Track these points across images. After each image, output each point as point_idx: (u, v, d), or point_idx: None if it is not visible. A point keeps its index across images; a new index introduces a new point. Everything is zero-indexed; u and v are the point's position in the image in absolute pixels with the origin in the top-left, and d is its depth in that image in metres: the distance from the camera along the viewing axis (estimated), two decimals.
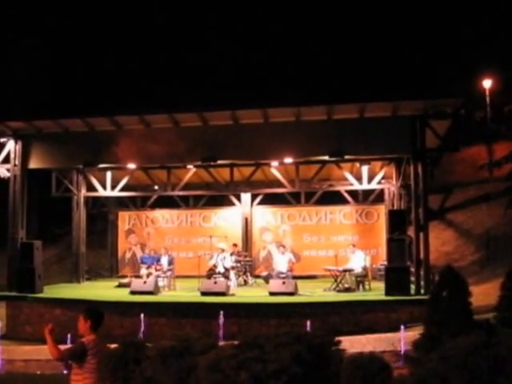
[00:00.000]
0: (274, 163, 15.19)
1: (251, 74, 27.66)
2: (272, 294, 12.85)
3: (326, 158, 13.70)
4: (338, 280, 13.76)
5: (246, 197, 18.26)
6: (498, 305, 8.04)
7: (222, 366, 5.61)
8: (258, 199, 18.42)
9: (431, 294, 7.46)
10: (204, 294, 12.94)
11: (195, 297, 13.07)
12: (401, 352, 9.34)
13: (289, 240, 17.93)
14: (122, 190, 16.57)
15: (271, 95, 23.53)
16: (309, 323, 10.52)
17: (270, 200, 18.59)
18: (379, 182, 16.19)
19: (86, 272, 17.79)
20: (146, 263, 15.60)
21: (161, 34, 29.81)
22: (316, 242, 17.93)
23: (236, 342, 6.15)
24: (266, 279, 15.07)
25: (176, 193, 17.18)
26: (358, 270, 13.86)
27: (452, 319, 6.55)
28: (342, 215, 18.05)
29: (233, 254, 15.73)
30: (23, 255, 13.76)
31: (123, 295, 13.56)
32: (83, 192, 17.28)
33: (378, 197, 18.09)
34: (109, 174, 16.66)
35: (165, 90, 27.09)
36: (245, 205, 18.33)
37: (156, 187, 18.27)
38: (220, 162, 14.21)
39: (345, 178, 16.25)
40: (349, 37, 28.13)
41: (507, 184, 18.00)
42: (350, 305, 11.94)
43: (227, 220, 18.68)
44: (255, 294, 13.73)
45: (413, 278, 12.66)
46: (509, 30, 23.56)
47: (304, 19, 30.07)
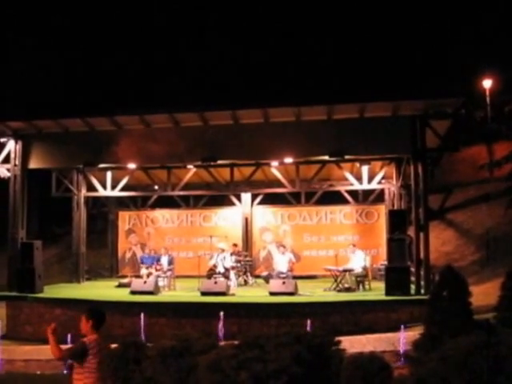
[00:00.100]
0: (275, 163, 15.18)
1: (251, 74, 27.66)
2: (272, 293, 12.85)
3: (326, 157, 13.70)
4: (338, 280, 13.76)
5: (246, 197, 18.26)
6: (498, 305, 8.04)
7: (222, 366, 5.62)
8: (258, 199, 18.41)
9: (431, 293, 7.47)
10: (204, 293, 12.93)
11: (195, 297, 13.06)
12: (401, 352, 9.33)
13: (289, 240, 17.91)
14: (122, 189, 16.57)
15: (271, 95, 23.57)
16: (309, 323, 10.51)
17: (270, 200, 18.58)
18: (379, 182, 16.19)
19: (86, 272, 17.78)
20: (146, 263, 15.61)
21: (161, 33, 29.80)
22: (316, 242, 17.91)
23: (236, 342, 6.16)
24: (266, 279, 15.06)
25: (176, 193, 17.18)
26: (358, 270, 13.86)
27: (452, 319, 6.56)
28: (343, 215, 18.04)
29: (233, 253, 15.73)
30: (23, 255, 13.75)
31: (123, 295, 13.55)
32: (83, 192, 17.28)
33: (378, 197, 18.09)
34: (109, 174, 16.66)
35: (165, 90, 27.07)
36: (245, 205, 18.33)
37: (156, 187, 18.26)
38: (220, 162, 14.20)
39: (345, 178, 16.25)
40: (349, 37, 28.13)
41: (507, 184, 17.99)
42: (350, 305, 11.93)
43: (227, 220, 18.67)
44: (255, 293, 13.72)
45: (413, 278, 12.65)
46: (509, 30, 23.55)
47: (304, 19, 30.09)
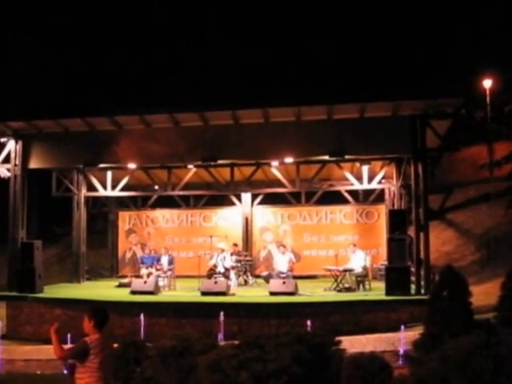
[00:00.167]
0: (275, 163, 15.18)
1: (251, 74, 27.65)
2: (272, 293, 12.85)
3: (326, 157, 13.69)
4: (339, 280, 13.75)
5: (246, 196, 18.26)
6: (498, 305, 8.03)
7: (222, 366, 5.62)
8: (258, 199, 18.41)
9: (431, 293, 7.47)
10: (204, 293, 12.93)
11: (195, 297, 13.06)
12: (401, 352, 9.33)
13: (289, 240, 17.90)
14: (123, 189, 16.57)
15: (271, 95, 23.55)
16: (309, 323, 10.50)
17: (271, 200, 18.58)
18: (379, 182, 16.19)
19: (86, 272, 17.77)
20: (146, 263, 15.61)
21: (161, 33, 29.78)
22: (316, 242, 17.90)
23: (236, 342, 6.16)
24: (267, 279, 15.05)
25: (176, 193, 17.18)
26: (359, 270, 13.86)
27: (452, 319, 6.56)
28: (343, 215, 18.03)
29: (233, 253, 15.72)
30: (23, 255, 13.75)
31: (123, 295, 13.55)
32: (83, 192, 17.27)
33: (378, 197, 18.08)
34: (109, 174, 16.66)
35: (165, 90, 27.06)
36: (245, 204, 18.33)
37: (156, 187, 18.26)
38: (220, 162, 14.20)
39: (345, 178, 16.25)
40: (349, 37, 28.10)
41: (508, 184, 18.01)
42: (351, 305, 11.93)
43: (227, 220, 18.66)
44: (255, 293, 13.72)
45: (413, 278, 12.65)
46: (509, 30, 23.53)
47: (304, 19, 30.05)
